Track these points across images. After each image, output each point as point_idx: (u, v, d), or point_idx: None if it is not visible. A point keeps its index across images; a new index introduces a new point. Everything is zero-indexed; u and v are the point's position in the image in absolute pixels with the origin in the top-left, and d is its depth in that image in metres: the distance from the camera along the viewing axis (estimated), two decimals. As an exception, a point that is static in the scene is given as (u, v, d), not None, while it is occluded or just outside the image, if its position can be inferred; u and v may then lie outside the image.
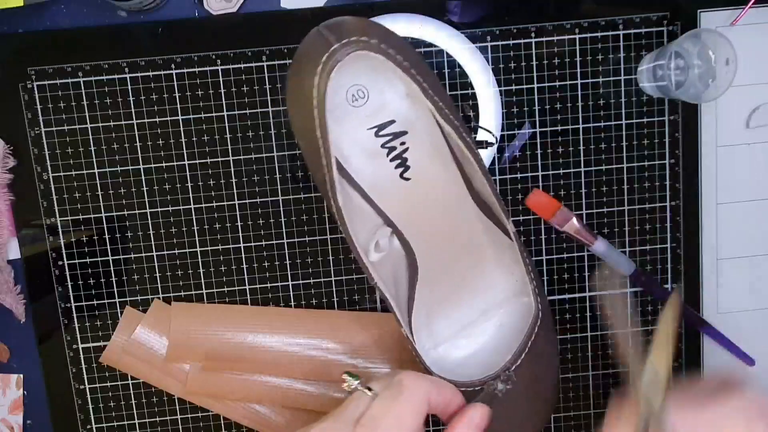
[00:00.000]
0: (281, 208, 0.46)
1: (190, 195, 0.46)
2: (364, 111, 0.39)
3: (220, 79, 0.45)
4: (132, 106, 0.45)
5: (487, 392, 0.40)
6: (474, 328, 0.45)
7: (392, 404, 0.32)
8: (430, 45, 0.45)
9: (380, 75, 0.38)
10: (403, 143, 0.40)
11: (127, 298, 0.47)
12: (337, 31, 0.34)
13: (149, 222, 0.46)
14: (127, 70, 0.44)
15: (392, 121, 0.40)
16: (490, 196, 0.41)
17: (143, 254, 0.46)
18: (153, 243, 0.46)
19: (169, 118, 0.45)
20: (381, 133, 0.40)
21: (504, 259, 0.44)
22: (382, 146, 0.40)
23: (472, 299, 0.45)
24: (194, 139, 0.45)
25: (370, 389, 0.34)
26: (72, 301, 0.47)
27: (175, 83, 0.45)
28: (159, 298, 0.47)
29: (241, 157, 0.46)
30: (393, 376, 0.35)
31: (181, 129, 0.45)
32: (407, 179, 0.41)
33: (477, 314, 0.45)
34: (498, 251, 0.44)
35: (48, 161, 0.45)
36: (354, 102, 0.39)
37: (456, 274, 0.44)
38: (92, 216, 0.46)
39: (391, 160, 0.41)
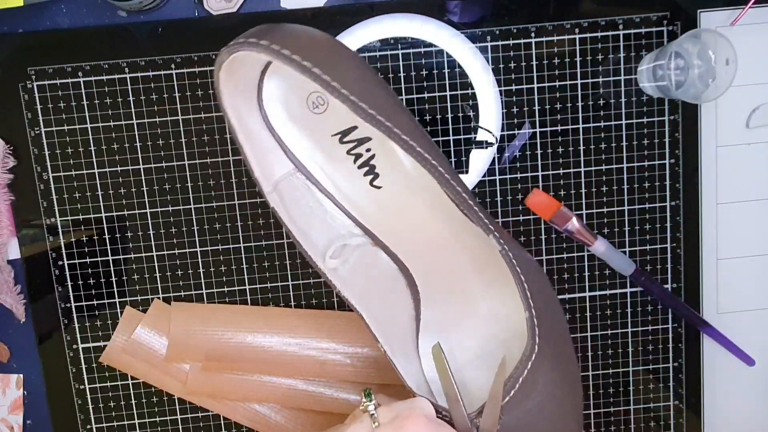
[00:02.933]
0: (281, 208, 0.46)
1: (190, 195, 0.46)
2: (325, 117, 0.38)
3: (220, 79, 0.45)
4: (132, 106, 0.45)
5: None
6: (488, 360, 0.39)
7: None
8: (430, 45, 0.45)
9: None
10: (368, 150, 0.39)
11: (127, 298, 0.47)
12: (243, 35, 0.35)
13: (149, 222, 0.46)
14: (127, 70, 0.44)
15: (354, 127, 0.39)
16: (468, 206, 0.37)
17: (143, 254, 0.46)
18: (153, 243, 0.46)
19: (169, 118, 0.45)
20: (345, 139, 0.39)
21: (504, 278, 0.39)
22: (348, 153, 0.39)
23: (481, 325, 0.40)
24: (194, 139, 0.45)
25: (376, 417, 0.34)
26: (72, 301, 0.47)
27: (175, 83, 0.45)
28: (159, 298, 0.47)
29: (241, 157, 0.45)
30: (403, 407, 0.34)
31: (181, 129, 0.45)
32: (378, 187, 0.40)
33: (493, 344, 0.40)
34: (500, 270, 0.39)
35: (48, 161, 0.45)
36: (315, 109, 0.38)
37: (462, 294, 0.40)
38: (92, 216, 0.46)
39: (359, 168, 0.40)
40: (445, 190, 0.37)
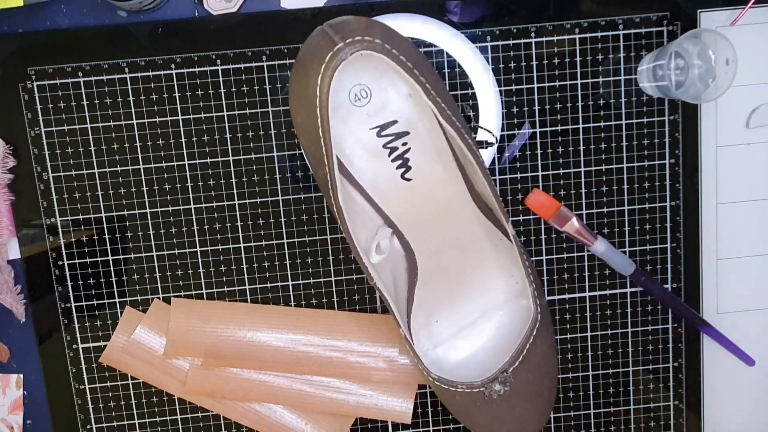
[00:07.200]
0: (281, 208, 0.46)
1: (190, 195, 0.46)
2: (366, 110, 0.39)
3: (220, 79, 0.45)
4: (132, 106, 0.45)
5: (485, 394, 0.41)
6: (473, 330, 0.45)
7: None
8: (430, 45, 0.45)
9: (383, 75, 0.38)
10: (404, 144, 0.40)
11: (127, 298, 0.47)
12: (342, 30, 0.34)
13: (149, 222, 0.46)
14: (127, 70, 0.44)
15: (394, 122, 0.40)
16: (490, 197, 0.41)
17: (143, 254, 0.46)
18: (153, 243, 0.46)
19: (169, 118, 0.45)
20: (383, 133, 0.40)
21: (504, 261, 0.44)
22: (384, 146, 0.40)
23: (471, 301, 0.45)
24: (194, 139, 0.45)
25: None
26: (72, 301, 0.47)
27: (175, 83, 0.45)
28: (159, 298, 0.47)
29: (241, 157, 0.46)
30: None
31: (181, 129, 0.45)
32: (408, 180, 0.41)
33: (476, 316, 0.45)
34: (498, 253, 0.44)
35: (48, 161, 0.45)
36: (357, 101, 0.39)
37: (456, 276, 0.44)
38: (92, 216, 0.46)
39: (393, 161, 0.41)
40: (479, 183, 0.40)
